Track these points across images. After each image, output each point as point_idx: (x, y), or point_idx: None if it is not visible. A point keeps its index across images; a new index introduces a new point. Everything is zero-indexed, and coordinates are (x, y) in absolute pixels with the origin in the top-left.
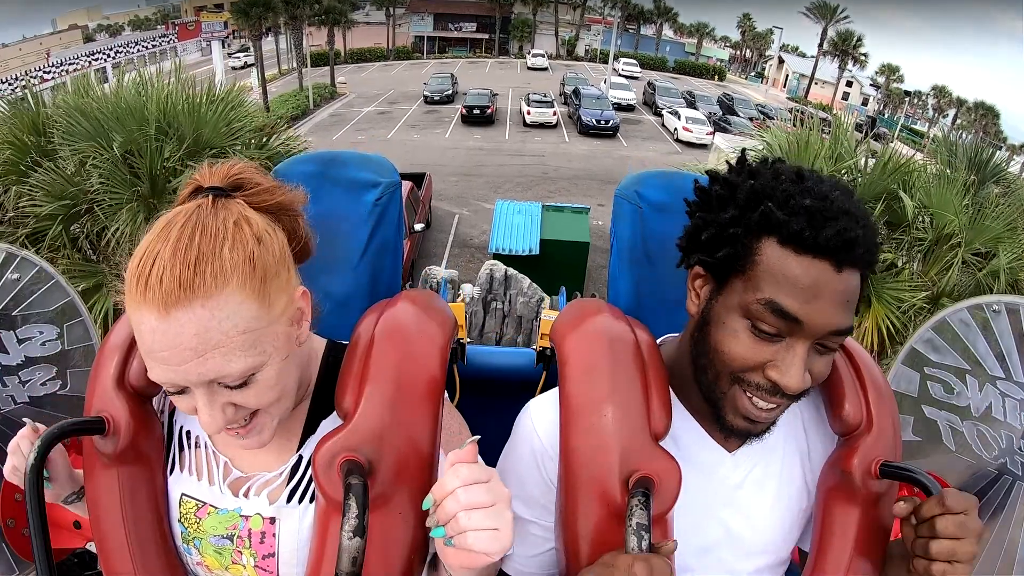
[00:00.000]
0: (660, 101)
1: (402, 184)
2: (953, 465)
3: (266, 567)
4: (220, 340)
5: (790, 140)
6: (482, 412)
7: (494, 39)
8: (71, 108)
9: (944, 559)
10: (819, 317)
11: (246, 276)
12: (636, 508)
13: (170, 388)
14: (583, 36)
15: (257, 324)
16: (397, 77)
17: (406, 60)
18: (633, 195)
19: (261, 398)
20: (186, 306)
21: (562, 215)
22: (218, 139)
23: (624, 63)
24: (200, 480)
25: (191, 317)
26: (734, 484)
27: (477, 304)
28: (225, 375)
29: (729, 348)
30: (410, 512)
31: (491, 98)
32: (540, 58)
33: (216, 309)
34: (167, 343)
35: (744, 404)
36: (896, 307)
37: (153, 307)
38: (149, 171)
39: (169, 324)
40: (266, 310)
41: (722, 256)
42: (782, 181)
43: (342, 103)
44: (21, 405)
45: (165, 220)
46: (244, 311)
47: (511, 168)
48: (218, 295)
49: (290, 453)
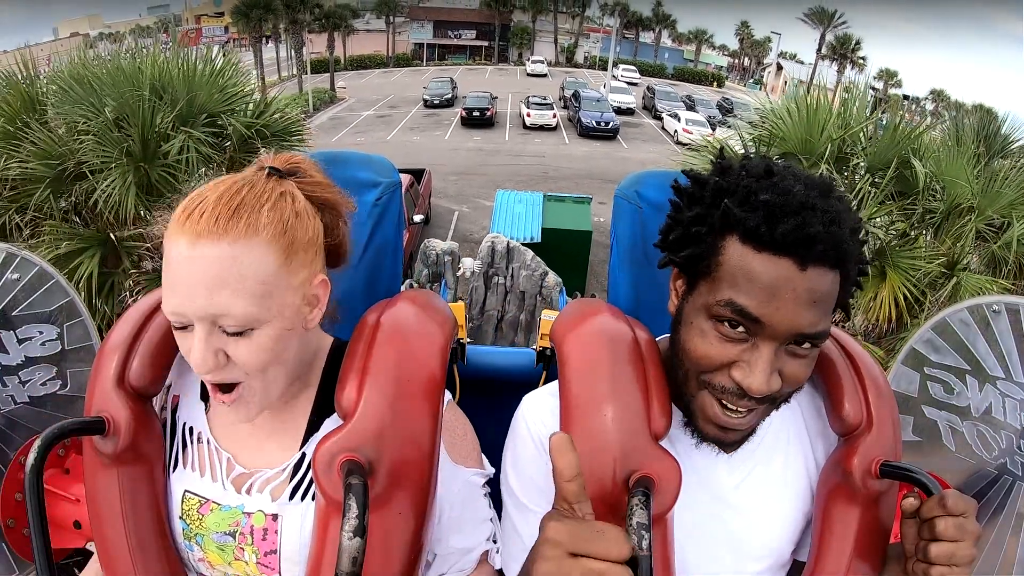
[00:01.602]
0: (660, 105)
1: (402, 177)
2: (953, 465)
3: (268, 564)
4: (234, 281)
5: (800, 106)
6: (482, 412)
7: (493, 46)
8: (66, 76)
9: (943, 562)
10: (781, 317)
11: (276, 236)
12: (636, 508)
13: (176, 321)
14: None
15: (272, 281)
16: (397, 83)
17: (406, 67)
18: (633, 195)
19: (252, 356)
20: (215, 241)
21: (564, 205)
22: (212, 104)
23: (623, 69)
24: (203, 476)
25: (216, 252)
26: (732, 486)
27: (478, 279)
28: (228, 314)
29: (695, 347)
30: (410, 512)
31: (491, 101)
32: (539, 64)
33: (240, 252)
34: (189, 271)
35: (714, 410)
36: (912, 276)
37: (186, 236)
38: (141, 134)
39: (195, 253)
40: (284, 274)
41: (687, 256)
42: (744, 177)
43: (342, 107)
44: (21, 405)
45: (223, 176)
46: (264, 265)
47: (511, 168)
48: (246, 242)
49: (293, 450)
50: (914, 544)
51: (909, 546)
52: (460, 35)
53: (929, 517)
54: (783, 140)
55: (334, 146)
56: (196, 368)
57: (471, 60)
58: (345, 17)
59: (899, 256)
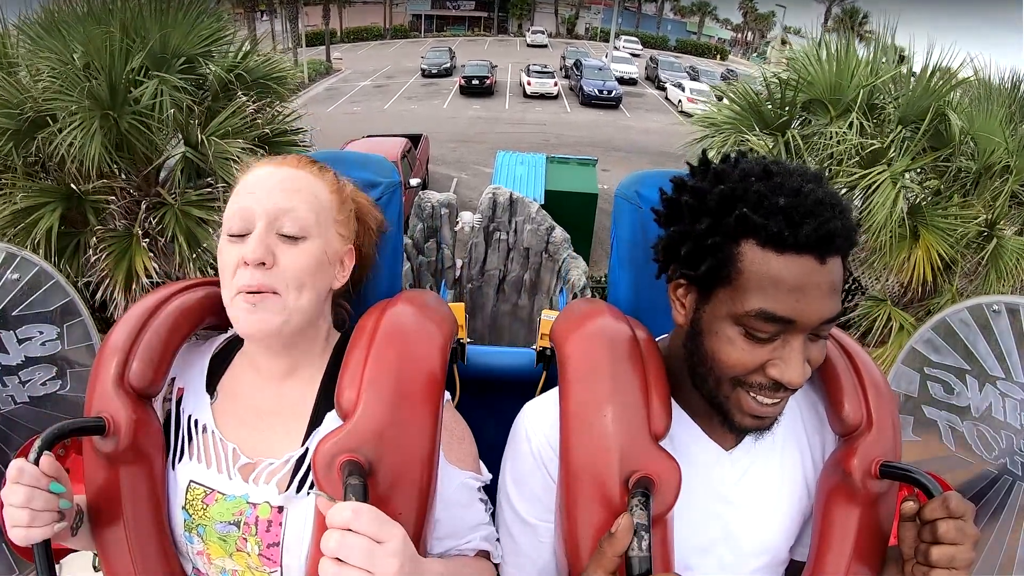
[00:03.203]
0: (663, 75)
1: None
2: (953, 465)
3: (270, 555)
4: (304, 191)
5: (828, 55)
6: (482, 412)
7: (493, 17)
8: (35, 25)
9: (944, 565)
10: (810, 312)
11: (334, 188)
12: (636, 508)
13: (238, 225)
14: (583, 15)
15: (329, 208)
16: (394, 55)
17: (403, 39)
18: (633, 195)
19: (296, 262)
20: (295, 168)
21: (568, 167)
22: (188, 46)
23: (625, 41)
24: (209, 467)
25: (294, 174)
26: (731, 483)
27: (478, 235)
28: (294, 211)
29: (727, 356)
30: (410, 512)
31: (490, 69)
32: (540, 35)
33: (313, 181)
34: (267, 179)
35: (749, 403)
36: (950, 236)
37: (272, 164)
38: (108, 77)
39: (279, 172)
40: (335, 211)
41: (705, 268)
42: (752, 182)
43: (338, 78)
44: (21, 405)
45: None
46: (324, 198)
47: (511, 136)
48: (317, 178)
49: (296, 442)
50: (913, 547)
51: (907, 549)
52: (459, 6)
53: (932, 519)
54: (811, 85)
55: (329, 116)
56: (251, 255)
57: (470, 31)
58: None
59: (933, 215)
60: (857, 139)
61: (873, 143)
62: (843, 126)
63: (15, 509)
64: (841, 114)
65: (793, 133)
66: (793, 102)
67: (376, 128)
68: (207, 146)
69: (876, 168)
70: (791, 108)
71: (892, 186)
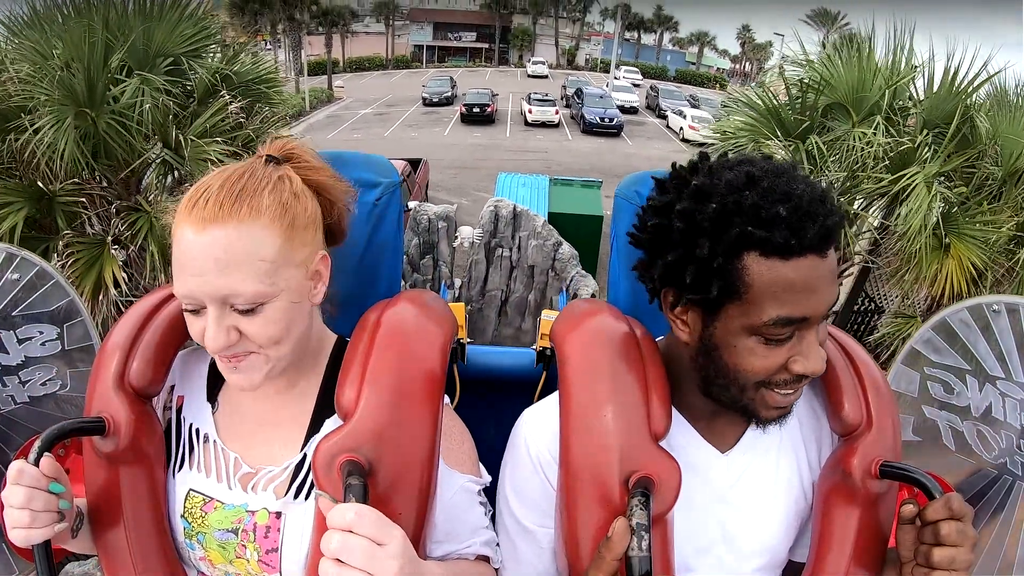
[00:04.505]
0: (664, 103)
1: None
2: (953, 465)
3: (269, 562)
4: (242, 260)
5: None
6: (482, 413)
7: (494, 48)
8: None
9: (945, 567)
10: (821, 305)
11: (277, 216)
12: (636, 508)
13: (188, 305)
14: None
15: (277, 258)
16: (396, 84)
17: (405, 69)
18: (633, 195)
19: (265, 330)
20: (221, 225)
21: (572, 189)
22: (173, 45)
23: (625, 71)
24: (208, 476)
25: (223, 235)
26: (728, 484)
27: (478, 251)
28: (238, 293)
29: (750, 365)
30: (410, 513)
31: (491, 97)
32: (540, 66)
33: (245, 234)
34: (197, 254)
35: (775, 399)
36: (982, 245)
37: (194, 223)
38: (87, 72)
39: (203, 238)
40: (288, 250)
41: (717, 291)
42: (743, 194)
43: (339, 106)
44: (21, 405)
45: (225, 166)
46: (269, 243)
47: (513, 163)
48: (250, 224)
49: (294, 449)
50: (912, 549)
51: (906, 551)
52: (460, 37)
53: (934, 520)
54: (832, 87)
55: (330, 143)
56: (210, 347)
57: (471, 62)
58: (343, 15)
59: (963, 224)
60: (885, 140)
61: (904, 142)
62: (867, 130)
63: (15, 510)
64: (864, 118)
65: (815, 140)
66: (815, 106)
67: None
68: (184, 146)
69: (909, 170)
70: (812, 112)
71: (927, 190)
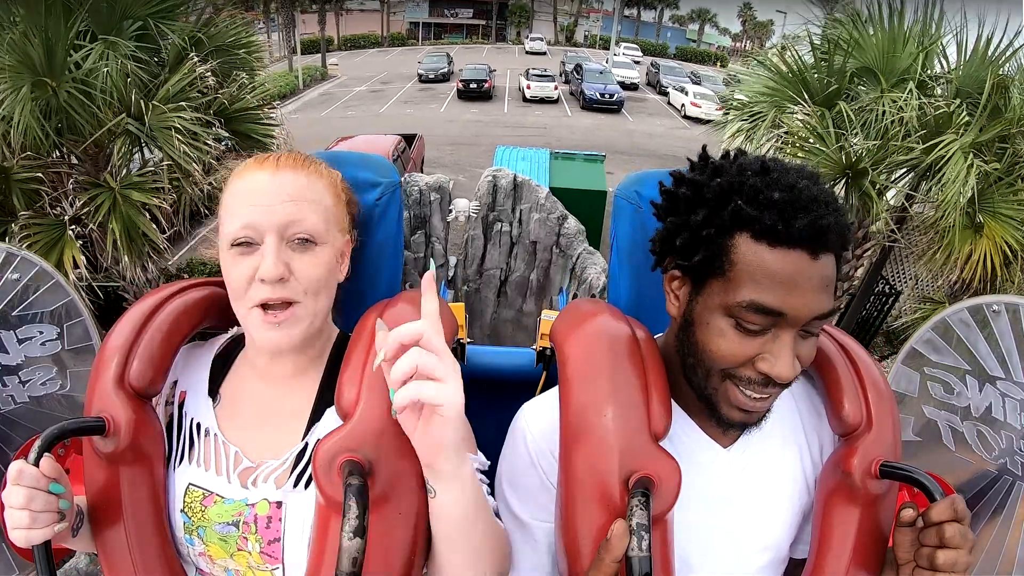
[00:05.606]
0: (665, 79)
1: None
2: (953, 465)
3: (271, 552)
4: (310, 199)
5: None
6: (482, 412)
7: (491, 25)
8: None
9: (947, 569)
10: (801, 306)
11: (333, 184)
12: (636, 508)
13: (245, 238)
14: (582, 23)
15: (331, 213)
16: (391, 61)
17: (401, 46)
18: (633, 195)
19: (313, 270)
20: (295, 170)
21: (574, 163)
22: (140, 7)
23: (625, 48)
24: (208, 470)
25: (294, 178)
26: (730, 480)
27: (475, 226)
28: (302, 220)
29: (717, 347)
30: (410, 512)
31: (489, 73)
32: (538, 42)
33: (314, 182)
34: (269, 188)
35: (737, 396)
36: (1018, 223)
37: (268, 168)
38: (44, 37)
39: (278, 178)
40: (337, 212)
41: (699, 259)
42: (748, 176)
43: (333, 83)
44: (21, 405)
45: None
46: (328, 198)
47: (511, 139)
48: (316, 179)
49: (296, 439)
50: (910, 551)
51: (904, 553)
52: (457, 14)
53: (939, 521)
54: (861, 49)
55: (324, 120)
56: (268, 273)
57: (468, 39)
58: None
59: (998, 204)
60: (920, 104)
61: (940, 106)
62: (899, 97)
63: (15, 511)
64: (896, 83)
65: (843, 106)
66: (843, 69)
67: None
68: (146, 112)
69: (945, 138)
70: (840, 76)
71: (963, 159)
